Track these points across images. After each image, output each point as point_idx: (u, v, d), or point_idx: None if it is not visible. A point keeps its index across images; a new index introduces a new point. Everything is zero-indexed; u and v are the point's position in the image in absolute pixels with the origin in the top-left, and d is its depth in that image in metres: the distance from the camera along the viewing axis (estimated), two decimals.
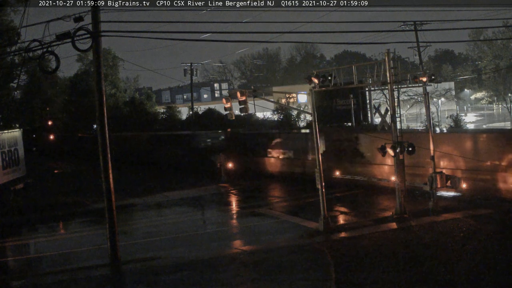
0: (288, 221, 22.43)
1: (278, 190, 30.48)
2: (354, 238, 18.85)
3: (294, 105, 56.45)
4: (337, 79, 23.82)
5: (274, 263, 16.51)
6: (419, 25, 46.28)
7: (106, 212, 17.45)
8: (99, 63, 17.32)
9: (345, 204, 24.62)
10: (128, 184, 33.67)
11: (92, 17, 16.58)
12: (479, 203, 22.04)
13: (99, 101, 17.33)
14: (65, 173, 44.65)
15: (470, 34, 74.62)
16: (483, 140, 23.79)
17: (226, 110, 21.12)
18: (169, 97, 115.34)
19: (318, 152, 20.24)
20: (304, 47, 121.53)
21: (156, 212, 27.14)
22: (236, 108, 20.87)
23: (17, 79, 48.57)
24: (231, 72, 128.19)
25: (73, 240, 21.90)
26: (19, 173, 32.49)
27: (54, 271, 17.44)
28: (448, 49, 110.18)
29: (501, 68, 68.92)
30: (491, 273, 14.29)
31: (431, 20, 67.99)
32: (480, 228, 18.83)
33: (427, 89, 23.47)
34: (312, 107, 20.57)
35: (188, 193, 30.45)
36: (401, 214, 20.77)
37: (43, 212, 26.82)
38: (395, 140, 20.77)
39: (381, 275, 14.81)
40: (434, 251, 16.56)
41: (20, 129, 35.14)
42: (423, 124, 44.72)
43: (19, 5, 35.48)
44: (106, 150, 17.35)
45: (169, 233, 21.60)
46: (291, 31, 51.80)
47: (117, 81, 65.93)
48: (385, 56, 21.17)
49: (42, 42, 15.81)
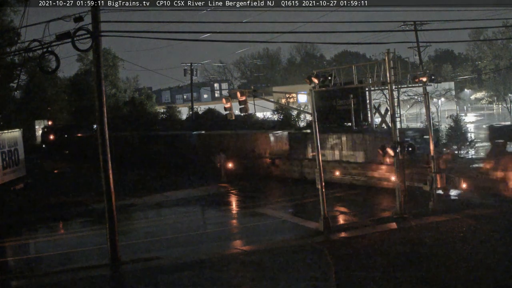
0: (288, 221, 22.43)
1: (277, 190, 30.47)
2: (354, 238, 18.85)
3: (294, 105, 56.51)
4: (337, 79, 23.86)
5: (274, 263, 16.50)
6: (419, 25, 46.24)
7: (106, 212, 17.45)
8: (99, 63, 17.32)
9: (345, 204, 24.63)
10: (128, 184, 33.66)
11: (92, 17, 16.58)
12: (479, 203, 22.05)
13: (99, 101, 17.33)
14: (65, 173, 44.62)
15: (470, 34, 74.74)
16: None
17: (226, 110, 21.13)
18: (169, 97, 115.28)
19: (318, 152, 20.22)
20: (304, 47, 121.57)
21: (156, 212, 27.12)
22: (236, 108, 20.88)
23: (17, 79, 48.53)
24: (231, 72, 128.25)
25: (73, 240, 21.88)
26: (19, 173, 32.52)
27: (54, 271, 17.41)
28: (448, 49, 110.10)
29: (501, 68, 68.99)
30: (491, 273, 14.28)
31: (431, 20, 67.94)
32: (480, 228, 18.84)
33: (427, 89, 23.47)
34: (312, 107, 20.57)
35: (188, 193, 30.44)
36: (401, 214, 20.77)
37: (43, 212, 26.78)
38: (395, 140, 20.79)
39: (381, 275, 14.81)
40: (434, 251, 16.56)
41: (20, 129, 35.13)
42: (423, 124, 44.73)
43: (19, 5, 35.50)
44: (106, 150, 17.34)
45: (169, 233, 21.59)
46: (291, 31, 51.75)
47: (117, 81, 66.03)
48: (385, 56, 21.18)
49: (42, 42, 15.80)
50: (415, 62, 57.15)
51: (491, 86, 73.99)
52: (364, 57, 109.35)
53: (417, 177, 23.72)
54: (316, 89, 21.36)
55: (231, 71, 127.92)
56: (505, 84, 71.93)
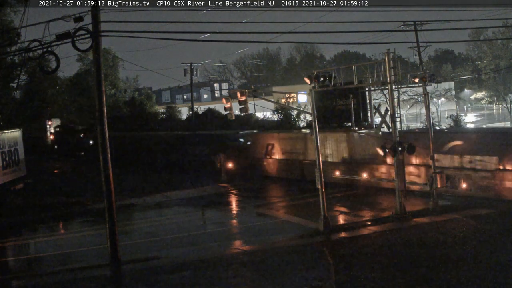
0: (288, 221, 22.43)
1: (277, 190, 30.48)
2: (354, 238, 18.86)
3: (294, 105, 56.49)
4: (337, 79, 23.86)
5: (274, 263, 16.51)
6: (419, 25, 46.21)
7: (106, 212, 17.46)
8: (99, 63, 17.32)
9: (345, 204, 24.63)
10: (128, 184, 33.67)
11: (92, 17, 16.59)
12: (479, 203, 22.05)
13: (99, 101, 17.33)
14: (65, 173, 44.62)
15: (470, 34, 74.64)
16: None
17: (226, 110, 21.12)
18: (169, 97, 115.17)
19: (318, 152, 20.23)
20: (304, 47, 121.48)
21: (156, 212, 27.13)
22: (236, 108, 20.86)
23: (17, 79, 48.47)
24: (231, 72, 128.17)
25: (73, 240, 21.90)
26: (19, 173, 32.50)
27: (54, 271, 17.44)
28: (448, 49, 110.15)
29: (501, 68, 68.95)
30: (491, 273, 14.28)
31: (431, 20, 67.92)
32: (480, 228, 18.85)
33: (427, 89, 23.48)
34: (312, 107, 20.57)
35: (188, 193, 30.44)
36: (401, 214, 20.77)
37: (43, 212, 26.79)
38: (395, 140, 20.80)
39: (381, 275, 14.82)
40: (434, 251, 16.56)
41: (20, 129, 35.08)
42: (423, 124, 44.75)
43: (19, 5, 35.47)
44: (106, 150, 17.35)
45: (169, 233, 21.60)
46: (291, 31, 51.79)
47: (117, 81, 65.98)
48: (385, 56, 21.19)
49: (42, 42, 15.82)
50: (415, 62, 57.21)
51: (491, 86, 73.95)
52: (364, 57, 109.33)
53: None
54: (316, 89, 21.36)
55: (231, 71, 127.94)
56: (505, 84, 71.90)
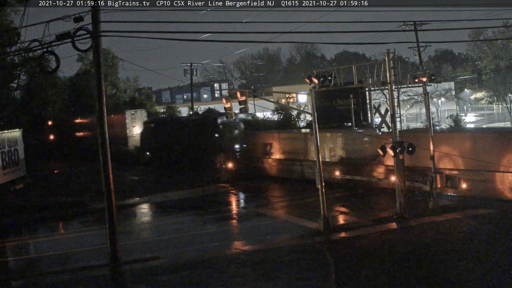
0: (288, 221, 22.43)
1: (277, 190, 30.48)
2: (354, 238, 18.86)
3: (294, 105, 56.46)
4: (337, 79, 23.83)
5: (274, 263, 16.50)
6: (419, 25, 46.24)
7: (106, 212, 17.45)
8: (99, 63, 17.32)
9: (345, 204, 24.63)
10: (128, 183, 33.67)
11: (92, 17, 16.58)
12: (479, 203, 22.04)
13: (99, 101, 17.33)
14: (65, 173, 44.59)
15: (470, 34, 74.75)
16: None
17: (226, 110, 21.09)
18: (169, 97, 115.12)
19: (318, 152, 20.23)
20: (304, 47, 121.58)
21: (156, 212, 27.13)
22: (236, 108, 20.84)
23: (17, 79, 48.47)
24: (231, 72, 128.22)
25: (73, 240, 21.90)
26: (19, 173, 32.52)
27: (54, 271, 17.43)
28: (448, 49, 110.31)
29: (501, 68, 68.99)
30: (491, 273, 14.28)
31: (431, 20, 68.05)
32: (480, 228, 18.84)
33: (427, 89, 23.48)
34: (312, 107, 20.56)
35: (188, 193, 30.44)
36: (401, 214, 20.77)
37: (43, 212, 26.78)
38: (395, 140, 20.79)
39: (381, 275, 14.82)
40: (434, 251, 16.56)
41: (21, 129, 35.08)
42: (423, 124, 44.73)
43: (19, 5, 35.47)
44: (106, 150, 17.35)
45: (169, 233, 21.60)
46: (291, 31, 51.76)
47: (117, 81, 65.90)
48: (385, 56, 21.18)
49: (42, 42, 15.81)
50: (415, 62, 57.31)
51: (491, 86, 74.00)
52: (364, 57, 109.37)
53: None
54: (316, 89, 21.35)
55: (231, 71, 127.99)
56: (505, 84, 71.97)
